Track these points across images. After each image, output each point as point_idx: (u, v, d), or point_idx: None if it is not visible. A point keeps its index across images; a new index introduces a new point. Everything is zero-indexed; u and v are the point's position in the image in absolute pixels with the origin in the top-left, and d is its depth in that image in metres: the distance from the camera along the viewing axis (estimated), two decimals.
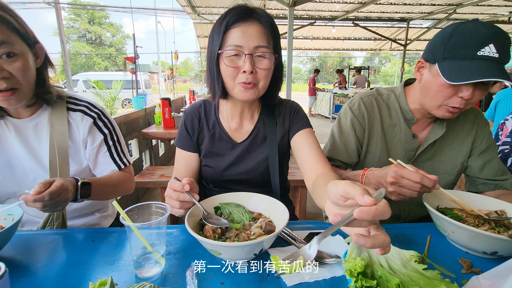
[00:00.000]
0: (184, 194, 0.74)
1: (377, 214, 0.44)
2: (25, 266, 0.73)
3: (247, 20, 0.89)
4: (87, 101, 1.13)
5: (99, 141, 1.12)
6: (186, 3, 7.29)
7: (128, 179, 1.18)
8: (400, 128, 1.16)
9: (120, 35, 36.37)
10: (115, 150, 1.16)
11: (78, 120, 1.08)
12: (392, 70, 46.41)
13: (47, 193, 0.78)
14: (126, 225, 0.65)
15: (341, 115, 1.24)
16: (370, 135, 1.18)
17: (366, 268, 0.61)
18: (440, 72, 0.92)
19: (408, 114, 1.14)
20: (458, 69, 0.90)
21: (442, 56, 0.94)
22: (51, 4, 10.95)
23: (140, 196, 3.54)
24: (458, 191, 0.97)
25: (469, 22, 0.94)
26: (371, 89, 1.25)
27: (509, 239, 0.69)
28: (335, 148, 1.21)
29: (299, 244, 0.80)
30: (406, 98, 1.15)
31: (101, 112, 1.14)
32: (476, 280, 0.56)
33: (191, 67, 48.45)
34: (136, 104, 3.87)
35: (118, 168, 1.15)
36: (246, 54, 0.88)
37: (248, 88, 0.92)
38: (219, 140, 1.08)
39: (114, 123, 1.19)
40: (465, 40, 0.90)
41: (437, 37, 0.99)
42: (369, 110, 1.17)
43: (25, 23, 0.92)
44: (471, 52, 0.89)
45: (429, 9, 8.01)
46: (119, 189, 1.13)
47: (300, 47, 13.78)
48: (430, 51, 1.00)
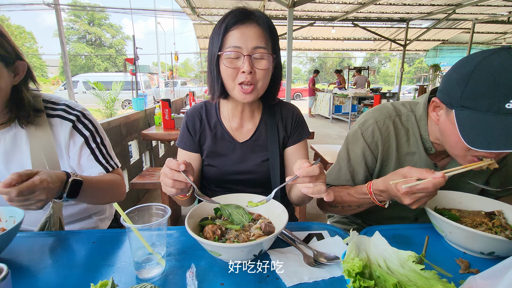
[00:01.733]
0: (179, 173, 0.73)
1: (309, 171, 0.68)
2: (26, 268, 0.74)
3: (246, 22, 0.92)
4: (65, 103, 1.06)
5: (80, 144, 1.04)
6: (185, 4, 7.30)
7: (119, 182, 1.11)
8: (420, 156, 1.00)
9: (120, 36, 36.42)
10: (99, 152, 1.09)
11: (58, 126, 1.02)
12: (392, 71, 46.44)
13: (15, 189, 0.71)
14: (127, 227, 0.66)
15: (351, 139, 1.08)
16: (383, 163, 1.04)
17: (364, 269, 0.62)
18: (458, 127, 0.75)
19: (427, 143, 0.98)
20: (479, 127, 0.71)
21: (460, 103, 0.75)
22: (51, 5, 10.97)
23: (140, 197, 3.55)
24: (457, 192, 0.97)
25: (495, 56, 0.71)
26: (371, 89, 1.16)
27: (506, 240, 0.70)
28: (341, 177, 1.08)
29: (299, 244, 0.81)
30: (427, 124, 0.97)
31: (81, 113, 1.06)
32: (473, 280, 0.57)
33: (191, 68, 48.46)
34: (136, 105, 3.87)
35: (105, 171, 1.09)
36: (245, 55, 0.91)
37: (247, 93, 0.95)
38: (221, 140, 1.10)
39: (97, 124, 1.11)
40: (488, 85, 0.70)
41: (453, 74, 0.79)
42: (384, 137, 1.01)
43: (6, 40, 0.86)
44: (496, 104, 0.69)
45: (429, 9, 8.02)
46: (110, 192, 1.06)
47: (299, 48, 13.78)
48: (446, 93, 0.81)
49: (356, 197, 0.97)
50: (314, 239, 0.85)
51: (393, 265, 0.64)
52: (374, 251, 0.68)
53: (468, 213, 0.89)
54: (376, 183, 0.88)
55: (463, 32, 10.76)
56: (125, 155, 3.18)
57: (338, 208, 1.07)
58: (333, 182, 1.11)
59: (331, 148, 3.43)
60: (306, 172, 0.68)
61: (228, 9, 7.19)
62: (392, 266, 0.64)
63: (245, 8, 0.95)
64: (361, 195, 0.94)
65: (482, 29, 10.61)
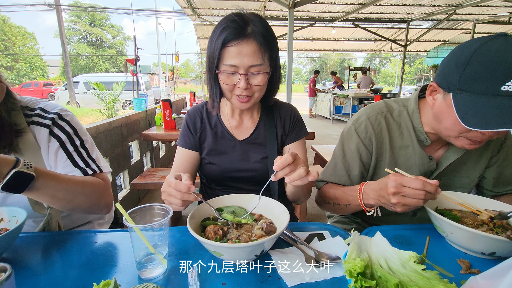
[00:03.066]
0: (190, 194, 0.74)
1: (282, 161, 0.72)
2: (29, 268, 0.74)
3: (242, 39, 0.91)
4: (39, 107, 0.97)
5: (55, 148, 0.94)
6: (186, 5, 7.31)
7: (100, 187, 0.95)
8: (414, 149, 1.03)
9: (120, 36, 36.48)
10: (78, 156, 0.97)
11: (37, 133, 0.94)
12: (393, 71, 46.43)
13: None
14: (129, 227, 0.66)
15: (345, 135, 1.11)
16: (378, 158, 1.07)
17: (366, 269, 0.62)
18: (455, 109, 0.78)
19: (422, 135, 1.01)
20: (476, 108, 0.74)
21: (457, 87, 0.78)
22: (52, 6, 11.00)
23: (141, 198, 3.55)
24: (459, 193, 0.97)
25: (492, 42, 0.74)
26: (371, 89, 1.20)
27: (507, 240, 0.70)
28: (336, 173, 1.11)
29: (300, 245, 0.81)
30: (420, 116, 1.00)
31: (57, 114, 0.97)
32: (474, 280, 0.57)
33: (191, 68, 48.53)
34: (136, 106, 3.88)
35: (84, 174, 0.96)
36: (241, 74, 0.93)
37: (244, 102, 0.99)
38: (222, 138, 1.12)
39: (76, 125, 1.01)
40: (485, 69, 0.73)
41: (451, 59, 0.81)
42: (377, 131, 1.04)
43: None
44: (493, 87, 0.72)
45: (429, 9, 8.02)
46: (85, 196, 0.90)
47: (300, 48, 13.79)
48: (443, 77, 0.83)
49: (347, 194, 0.98)
50: (315, 239, 0.86)
51: (394, 265, 0.64)
52: (375, 251, 0.68)
53: (469, 214, 0.89)
54: (370, 182, 0.90)
55: (464, 32, 10.76)
56: (126, 155, 3.18)
57: (330, 205, 1.09)
58: (329, 178, 1.13)
59: (331, 149, 3.42)
60: (280, 163, 0.72)
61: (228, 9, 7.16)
62: (393, 266, 0.64)
63: (242, 16, 0.94)
64: (353, 192, 0.95)
65: (482, 30, 10.60)
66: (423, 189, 0.74)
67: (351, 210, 1.00)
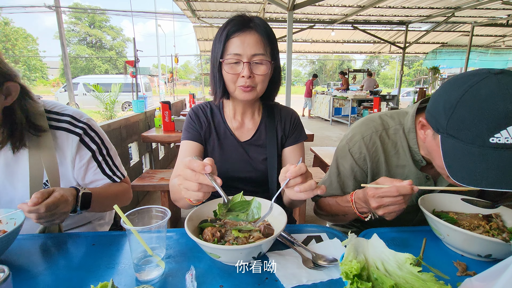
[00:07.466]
0: (204, 176, 0.66)
1: (297, 170, 0.72)
2: (27, 270, 0.74)
3: (245, 30, 0.97)
4: (69, 114, 1.03)
5: (87, 159, 1.04)
6: (186, 7, 7.33)
7: (126, 190, 1.14)
8: (410, 169, 1.00)
9: (120, 38, 36.53)
10: (106, 165, 1.09)
11: (63, 139, 1.00)
12: (392, 73, 46.57)
13: (43, 205, 0.75)
14: (127, 229, 0.66)
15: (339, 154, 1.08)
16: (374, 177, 1.04)
17: (362, 271, 0.62)
18: (443, 157, 0.74)
19: (417, 156, 0.97)
20: (463, 161, 0.70)
21: (446, 131, 0.73)
22: (52, 7, 11.01)
23: (140, 199, 3.55)
24: (452, 195, 0.98)
25: (483, 84, 0.67)
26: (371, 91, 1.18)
27: (503, 242, 0.70)
28: (332, 190, 1.10)
29: (298, 247, 0.81)
30: (417, 136, 0.96)
31: (87, 125, 1.04)
32: (469, 282, 0.58)
33: (191, 70, 48.59)
34: (136, 107, 3.88)
35: (112, 181, 1.11)
36: (245, 62, 0.97)
37: (247, 91, 1.01)
38: (225, 138, 1.14)
39: (102, 135, 1.10)
40: (473, 117, 0.67)
41: (440, 98, 0.76)
42: (371, 152, 1.01)
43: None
44: (481, 137, 0.66)
45: (428, 12, 8.06)
46: (117, 200, 1.09)
47: (299, 50, 13.83)
48: (433, 115, 0.79)
49: (342, 205, 0.99)
50: (313, 241, 0.86)
51: (390, 267, 0.65)
52: (372, 253, 0.69)
53: (466, 216, 0.90)
54: (358, 191, 0.90)
55: (463, 35, 10.80)
56: (125, 157, 3.18)
57: (328, 217, 1.12)
58: (324, 195, 1.13)
59: (330, 151, 3.42)
60: (295, 172, 0.72)
61: (228, 11, 7.19)
62: (389, 268, 0.64)
63: (244, 15, 1.01)
64: (346, 203, 0.97)
65: (481, 32, 10.65)
66: (400, 194, 0.76)
67: (350, 218, 1.03)
